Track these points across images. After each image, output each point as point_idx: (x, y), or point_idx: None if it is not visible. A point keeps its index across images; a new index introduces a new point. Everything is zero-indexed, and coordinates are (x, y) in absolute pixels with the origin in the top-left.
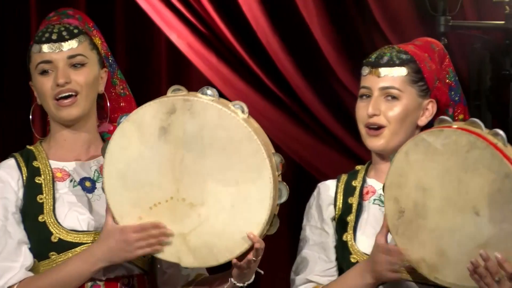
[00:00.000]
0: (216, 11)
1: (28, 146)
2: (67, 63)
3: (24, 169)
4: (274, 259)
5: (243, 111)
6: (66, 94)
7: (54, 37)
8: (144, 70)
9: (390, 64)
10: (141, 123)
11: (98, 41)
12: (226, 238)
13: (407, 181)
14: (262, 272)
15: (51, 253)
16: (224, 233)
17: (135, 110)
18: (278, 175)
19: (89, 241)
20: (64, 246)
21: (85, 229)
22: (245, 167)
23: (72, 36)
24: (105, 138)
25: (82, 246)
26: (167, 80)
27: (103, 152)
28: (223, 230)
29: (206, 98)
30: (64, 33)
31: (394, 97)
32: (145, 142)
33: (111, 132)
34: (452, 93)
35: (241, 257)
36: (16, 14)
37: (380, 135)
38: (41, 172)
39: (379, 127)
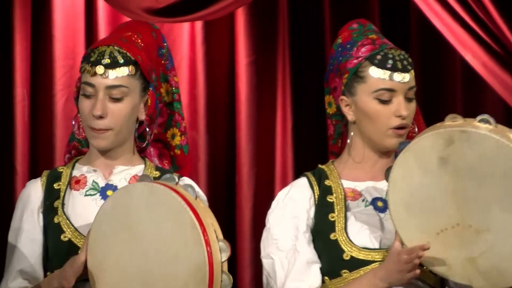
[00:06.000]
0: (511, 31)
1: (320, 165)
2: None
3: (316, 188)
4: None
5: None
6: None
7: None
8: (438, 90)
9: None
10: (420, 153)
11: None
12: None
13: None
14: None
15: (343, 271)
16: None
17: (414, 140)
18: None
19: (380, 259)
20: (356, 264)
21: (377, 247)
22: None
23: None
24: None
25: (374, 264)
26: (462, 100)
27: (386, 178)
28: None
29: (483, 128)
30: None
31: None
32: (425, 171)
33: None
34: None
35: None
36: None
37: None
38: (333, 191)
39: None
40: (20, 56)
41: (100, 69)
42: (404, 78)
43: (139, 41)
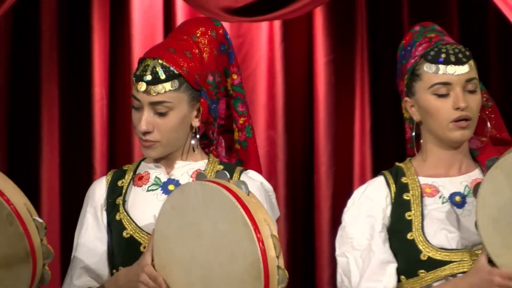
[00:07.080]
0: None
1: (397, 163)
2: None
3: (392, 186)
4: None
5: None
6: None
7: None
8: None
9: None
10: (510, 170)
11: None
12: None
13: None
14: None
15: (420, 271)
16: None
17: (503, 157)
18: None
19: (458, 260)
20: (433, 264)
21: (454, 247)
22: None
23: None
24: (474, 155)
25: (451, 264)
26: None
27: (475, 194)
28: None
29: None
30: None
31: None
32: None
33: (479, 149)
34: None
35: None
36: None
37: None
38: (410, 188)
39: None
40: (99, 55)
41: (142, 86)
42: (458, 70)
43: (192, 44)
